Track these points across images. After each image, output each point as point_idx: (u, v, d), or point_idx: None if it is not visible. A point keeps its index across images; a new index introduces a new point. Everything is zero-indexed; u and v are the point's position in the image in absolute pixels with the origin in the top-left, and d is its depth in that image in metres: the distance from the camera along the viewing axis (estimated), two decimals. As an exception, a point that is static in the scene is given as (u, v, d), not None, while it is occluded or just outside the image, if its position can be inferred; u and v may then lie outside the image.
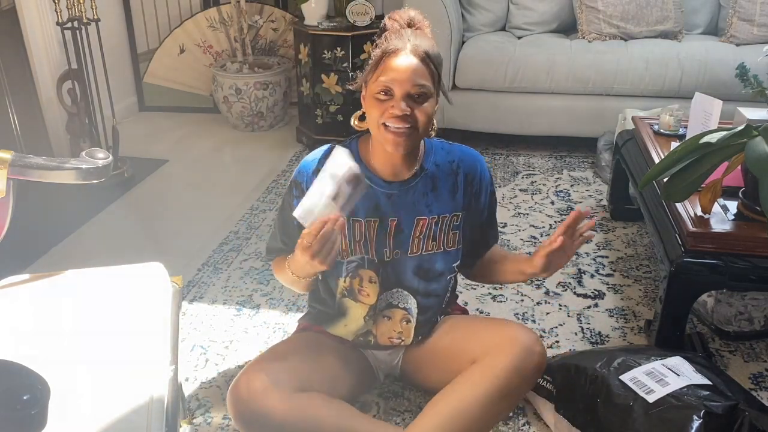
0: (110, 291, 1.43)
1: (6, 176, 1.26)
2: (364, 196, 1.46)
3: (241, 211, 2.74)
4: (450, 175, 1.52)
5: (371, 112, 1.40)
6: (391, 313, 1.56)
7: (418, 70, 1.36)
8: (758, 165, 1.49)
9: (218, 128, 3.70)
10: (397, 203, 1.49)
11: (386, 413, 1.67)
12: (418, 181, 1.50)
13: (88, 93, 2.99)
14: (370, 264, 1.52)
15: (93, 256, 2.42)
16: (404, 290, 1.54)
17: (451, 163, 1.53)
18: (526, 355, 1.41)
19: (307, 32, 3.20)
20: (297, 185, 1.52)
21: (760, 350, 1.91)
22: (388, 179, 1.49)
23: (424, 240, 1.51)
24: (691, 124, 2.17)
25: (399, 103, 1.36)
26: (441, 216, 1.51)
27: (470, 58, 3.17)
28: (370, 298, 1.55)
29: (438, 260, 1.53)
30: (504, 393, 1.41)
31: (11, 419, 0.80)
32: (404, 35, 1.39)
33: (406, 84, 1.36)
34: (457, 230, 1.54)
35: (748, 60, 1.94)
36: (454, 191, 1.52)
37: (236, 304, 2.13)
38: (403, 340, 1.58)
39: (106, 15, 3.21)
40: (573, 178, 3.03)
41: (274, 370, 1.45)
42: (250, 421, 1.41)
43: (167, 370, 1.26)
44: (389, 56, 1.36)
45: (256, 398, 1.39)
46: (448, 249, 1.54)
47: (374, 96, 1.38)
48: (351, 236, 1.50)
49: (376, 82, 1.37)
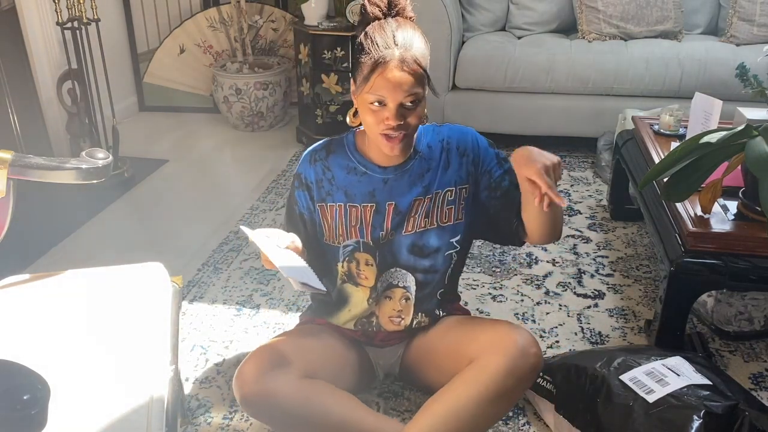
0: (110, 291, 1.43)
1: (6, 176, 1.27)
2: (360, 182, 1.51)
3: (241, 211, 2.74)
4: (442, 152, 1.54)
5: (365, 118, 1.42)
6: (392, 293, 1.58)
7: (410, 80, 1.37)
8: (758, 165, 1.49)
9: (218, 128, 3.70)
10: (394, 187, 1.52)
11: (386, 413, 1.67)
12: (412, 163, 1.52)
13: (88, 93, 2.99)
14: (366, 247, 1.54)
15: (93, 256, 2.42)
16: (402, 269, 1.56)
17: (441, 141, 1.55)
18: (521, 356, 1.41)
19: (307, 32, 3.20)
20: (298, 176, 1.57)
21: (760, 350, 1.91)
22: (383, 165, 1.52)
23: (419, 218, 1.53)
24: (691, 124, 2.17)
25: (393, 114, 1.38)
26: (435, 192, 1.53)
27: (470, 58, 3.17)
28: (369, 281, 1.57)
29: (431, 236, 1.55)
30: (499, 393, 1.40)
31: (11, 419, 0.80)
32: (387, 34, 1.37)
33: (399, 96, 1.37)
34: (452, 205, 1.54)
35: (748, 60, 1.94)
36: (446, 167, 1.54)
37: (236, 304, 2.13)
38: (402, 318, 1.59)
39: (106, 15, 3.20)
40: (573, 178, 3.03)
41: (281, 353, 1.46)
42: (256, 403, 1.41)
43: (167, 370, 1.26)
44: (379, 68, 1.36)
45: (263, 381, 1.39)
46: (443, 224, 1.55)
47: (368, 104, 1.39)
48: (347, 221, 1.53)
49: (368, 93, 1.38)
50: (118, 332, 1.31)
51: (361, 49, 1.40)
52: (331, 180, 1.53)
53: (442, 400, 1.43)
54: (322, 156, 1.55)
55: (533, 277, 2.26)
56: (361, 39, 1.41)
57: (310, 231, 1.58)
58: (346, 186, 1.52)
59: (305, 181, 1.55)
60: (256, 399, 1.40)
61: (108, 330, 1.31)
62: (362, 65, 1.39)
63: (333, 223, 1.54)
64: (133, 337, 1.30)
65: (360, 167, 1.53)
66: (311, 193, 1.55)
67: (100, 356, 1.24)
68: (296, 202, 1.58)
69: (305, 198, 1.56)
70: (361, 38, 1.41)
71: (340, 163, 1.54)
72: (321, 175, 1.54)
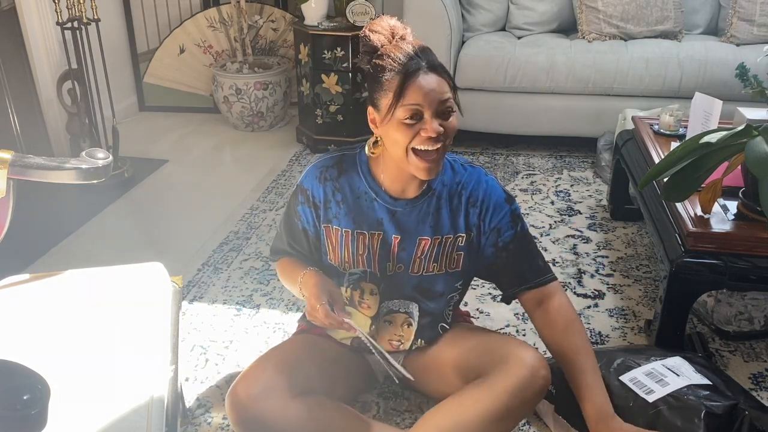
0: (110, 291, 1.43)
1: (6, 176, 1.27)
2: (369, 209, 1.47)
3: (241, 211, 2.74)
4: (454, 196, 1.49)
5: (396, 138, 1.35)
6: (393, 318, 1.55)
7: (442, 85, 1.34)
8: (758, 165, 1.49)
9: (218, 128, 3.70)
10: (401, 221, 1.48)
11: (386, 413, 1.67)
12: (424, 200, 1.48)
13: (88, 93, 2.99)
14: (372, 278, 1.51)
15: (93, 256, 2.42)
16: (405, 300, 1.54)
17: (458, 184, 1.50)
18: (530, 377, 1.38)
19: (307, 32, 3.20)
20: (303, 191, 1.51)
21: (760, 350, 1.91)
22: (394, 195, 1.47)
23: (426, 261, 1.50)
24: (691, 124, 2.17)
25: (432, 123, 1.33)
26: (445, 237, 1.49)
27: (470, 58, 3.17)
28: (371, 310, 1.54)
29: (439, 281, 1.52)
30: (505, 413, 1.37)
31: (11, 419, 0.80)
32: (405, 50, 1.35)
33: (435, 102, 1.33)
34: (461, 251, 1.51)
35: (748, 60, 1.94)
36: (457, 213, 1.49)
37: (236, 304, 2.13)
38: (402, 342, 1.58)
39: (106, 15, 3.21)
40: (573, 178, 3.03)
41: (272, 374, 1.43)
42: (249, 425, 1.39)
43: (167, 370, 1.26)
44: (410, 78, 1.32)
45: (254, 404, 1.37)
46: (450, 270, 1.52)
47: (402, 122, 1.34)
48: (354, 249, 1.49)
49: (403, 107, 1.33)
50: (118, 332, 1.31)
51: (380, 71, 1.34)
52: (339, 203, 1.48)
53: (447, 415, 1.40)
54: (333, 175, 1.48)
55: (533, 277, 2.25)
56: (376, 62, 1.36)
57: (314, 246, 1.55)
58: (355, 211, 1.48)
59: (312, 200, 1.50)
60: (249, 421, 1.38)
61: (108, 330, 1.31)
62: (387, 84, 1.33)
63: (338, 247, 1.50)
64: (133, 337, 1.30)
65: (371, 192, 1.47)
66: (318, 212, 1.50)
67: (100, 356, 1.24)
68: (299, 217, 1.53)
69: (311, 215, 1.51)
70: (375, 62, 1.36)
71: (352, 185, 1.48)
72: (330, 196, 1.48)
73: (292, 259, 1.60)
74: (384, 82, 1.34)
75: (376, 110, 1.38)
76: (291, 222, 1.56)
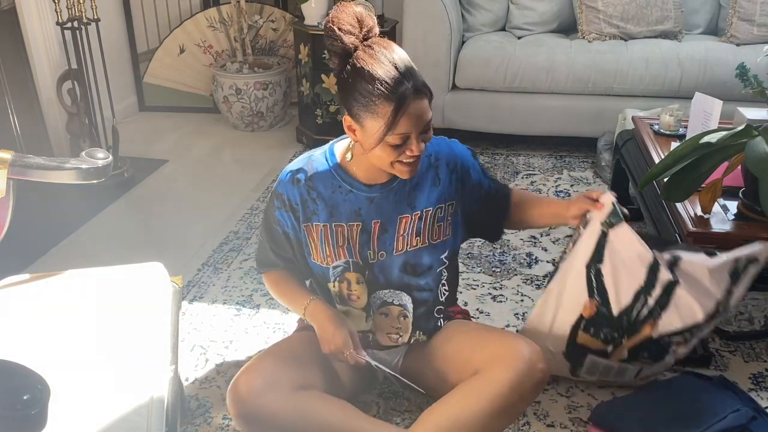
0: (110, 291, 1.43)
1: (6, 176, 1.27)
2: (346, 201, 1.49)
3: (241, 211, 2.74)
4: (429, 169, 1.52)
5: (381, 155, 1.38)
6: (388, 311, 1.56)
7: (426, 106, 1.36)
8: (758, 165, 1.49)
9: (218, 128, 3.70)
10: (380, 205, 1.50)
11: (386, 413, 1.67)
12: (398, 181, 1.50)
13: (88, 93, 2.99)
14: (356, 267, 1.52)
15: (93, 256, 2.42)
16: (395, 289, 1.55)
17: (429, 156, 1.52)
18: (528, 371, 1.39)
19: (307, 32, 3.20)
20: (278, 196, 1.53)
21: (760, 350, 1.91)
22: (368, 183, 1.49)
23: (408, 236, 1.51)
24: (691, 124, 2.17)
25: (417, 144, 1.37)
26: (424, 210, 1.51)
27: (470, 58, 3.16)
28: (361, 301, 1.55)
29: (424, 255, 1.54)
30: (503, 408, 1.38)
31: (11, 419, 0.80)
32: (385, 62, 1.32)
33: (421, 126, 1.36)
34: (442, 222, 1.54)
35: (748, 60, 1.94)
36: (436, 183, 1.52)
37: (236, 304, 2.13)
38: (401, 336, 1.58)
39: (106, 15, 3.21)
40: (573, 178, 3.03)
41: (274, 368, 1.45)
42: (250, 420, 1.41)
43: (167, 370, 1.26)
44: (401, 108, 1.31)
45: (255, 397, 1.39)
46: (434, 242, 1.54)
47: (389, 144, 1.35)
48: (334, 241, 1.51)
49: (393, 135, 1.34)
50: (118, 332, 1.31)
51: (369, 93, 1.32)
52: (315, 199, 1.50)
53: (446, 411, 1.40)
54: (304, 176, 1.50)
55: (533, 277, 2.25)
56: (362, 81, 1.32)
57: (297, 250, 1.56)
58: (332, 205, 1.49)
59: (289, 203, 1.51)
60: (250, 415, 1.40)
61: (108, 330, 1.31)
62: (375, 108, 1.32)
63: (319, 242, 1.52)
64: (133, 337, 1.30)
65: (345, 185, 1.49)
66: (296, 214, 1.51)
67: (100, 356, 1.24)
68: (278, 223, 1.54)
69: (290, 218, 1.52)
70: (361, 79, 1.32)
71: (325, 181, 1.50)
72: (306, 195, 1.50)
73: (284, 273, 1.63)
74: (371, 105, 1.32)
75: (359, 125, 1.37)
76: (271, 229, 1.57)
